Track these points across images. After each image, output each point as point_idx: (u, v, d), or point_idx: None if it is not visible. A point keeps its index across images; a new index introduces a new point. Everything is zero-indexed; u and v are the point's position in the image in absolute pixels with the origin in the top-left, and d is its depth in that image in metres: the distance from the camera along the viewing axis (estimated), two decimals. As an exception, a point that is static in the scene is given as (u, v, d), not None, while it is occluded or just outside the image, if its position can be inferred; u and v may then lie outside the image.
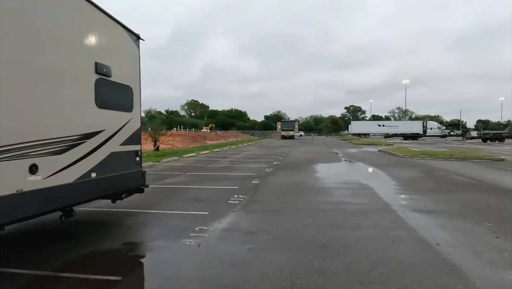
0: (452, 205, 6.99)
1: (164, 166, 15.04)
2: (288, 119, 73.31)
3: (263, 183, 10.08)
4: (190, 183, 10.19)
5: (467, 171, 12.55)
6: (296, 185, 9.65)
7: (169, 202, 7.45)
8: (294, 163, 16.38)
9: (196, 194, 8.45)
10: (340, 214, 6.32)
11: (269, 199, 7.73)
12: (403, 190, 8.98)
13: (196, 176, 11.76)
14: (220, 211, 6.58)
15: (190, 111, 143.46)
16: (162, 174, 12.04)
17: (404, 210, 6.58)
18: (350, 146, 34.76)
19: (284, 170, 13.34)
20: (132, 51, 5.59)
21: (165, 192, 8.72)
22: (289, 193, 8.46)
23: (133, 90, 5.50)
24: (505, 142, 41.67)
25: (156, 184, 9.92)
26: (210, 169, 13.71)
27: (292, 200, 7.56)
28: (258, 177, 11.27)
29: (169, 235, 5.10)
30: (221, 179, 10.90)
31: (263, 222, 5.83)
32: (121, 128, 5.16)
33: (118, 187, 5.30)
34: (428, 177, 11.43)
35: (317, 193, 8.51)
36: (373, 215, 6.19)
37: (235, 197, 7.95)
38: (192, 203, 7.41)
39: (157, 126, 29.28)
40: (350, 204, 7.16)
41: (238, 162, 16.93)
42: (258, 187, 9.30)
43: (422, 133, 64.33)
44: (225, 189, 9.09)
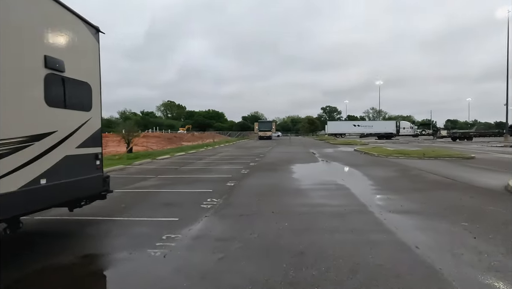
0: (428, 205, 6.93)
1: (136, 168, 14.40)
2: (266, 120, 73.36)
3: (239, 185, 9.74)
4: (161, 186, 9.69)
5: (440, 170, 12.74)
6: (272, 187, 9.38)
7: (137, 208, 6.96)
8: (270, 163, 16.15)
9: (167, 198, 7.99)
10: (317, 217, 6.08)
11: (244, 202, 7.40)
12: (379, 189, 8.90)
13: (168, 178, 11.26)
14: (191, 216, 6.19)
15: (167, 112, 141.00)
16: (133, 178, 11.45)
17: (381, 211, 6.43)
18: (327, 145, 35.04)
19: (260, 171, 13.05)
20: (90, 45, 5.11)
21: (133, 196, 8.20)
22: (264, 195, 8.17)
23: (91, 88, 5.02)
24: (473, 141, 43.44)
25: (125, 188, 9.37)
26: (184, 171, 13.22)
27: (267, 203, 7.26)
28: (234, 179, 10.92)
29: (133, 245, 4.67)
30: (194, 182, 10.47)
31: (236, 227, 5.50)
32: (78, 129, 4.68)
33: (74, 194, 4.80)
34: (403, 176, 11.48)
35: (293, 194, 8.27)
36: (351, 217, 6.00)
37: (208, 200, 7.57)
38: (162, 208, 6.96)
39: (131, 127, 28.31)
40: (327, 206, 6.95)
41: (213, 163, 16.50)
42: (233, 190, 8.96)
43: (395, 133, 66.14)
44: (198, 192, 8.68)
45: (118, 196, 8.18)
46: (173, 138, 48.77)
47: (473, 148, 28.10)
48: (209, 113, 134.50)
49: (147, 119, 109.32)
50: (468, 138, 44.45)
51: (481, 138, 47.32)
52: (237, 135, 74.68)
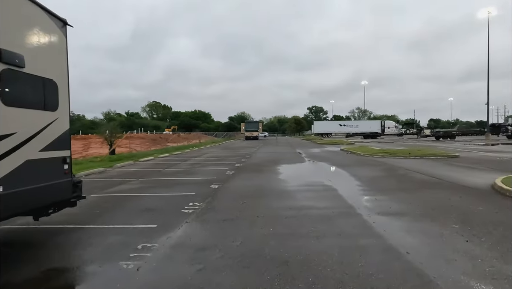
0: (417, 206, 6.75)
1: (117, 171, 13.86)
2: (252, 120, 73.04)
3: (223, 187, 9.40)
4: (142, 190, 9.26)
5: (426, 169, 12.70)
6: (258, 189, 9.07)
7: (113, 214, 6.54)
8: (256, 164, 15.85)
9: (147, 203, 7.59)
10: (303, 220, 5.81)
11: (227, 206, 7.07)
12: (367, 190, 8.71)
13: (150, 181, 10.82)
14: (170, 222, 5.82)
15: (152, 113, 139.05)
16: (112, 181, 10.96)
17: (369, 213, 6.21)
18: (313, 145, 35.00)
19: (246, 173, 12.74)
20: (56, 39, 4.69)
21: (111, 201, 7.75)
22: (249, 198, 7.86)
23: (58, 85, 4.60)
24: (456, 139, 44.25)
25: (102, 192, 8.90)
26: (166, 174, 12.78)
27: (252, 206, 6.95)
28: (218, 181, 10.57)
29: (105, 257, 4.28)
30: (177, 185, 10.06)
31: (218, 234, 5.17)
32: (41, 130, 4.26)
33: (38, 202, 4.38)
34: (390, 175, 11.37)
35: (279, 197, 7.99)
36: (338, 221, 5.75)
37: (190, 205, 7.21)
38: (140, 214, 6.56)
39: (113, 128, 27.55)
40: (313, 209, 6.68)
41: (198, 165, 16.09)
42: (216, 192, 8.61)
43: (380, 132, 66.85)
44: (180, 196, 8.30)
45: (94, 201, 7.74)
46: (158, 139, 47.95)
47: (456, 146, 28.50)
48: (195, 113, 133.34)
49: (132, 120, 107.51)
50: (451, 137, 45.25)
51: (464, 137, 48.29)
52: (224, 136, 74.12)
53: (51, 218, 5.58)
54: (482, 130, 48.78)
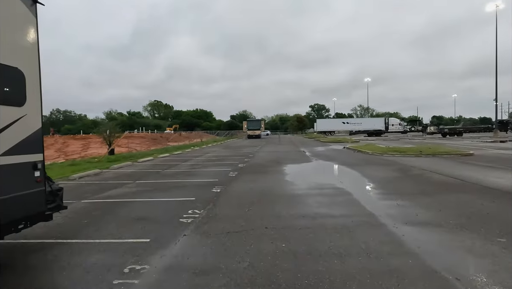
0: (447, 213, 5.93)
1: (113, 173, 13.09)
2: (254, 118, 72.11)
3: (226, 191, 8.60)
4: (137, 194, 8.47)
5: (442, 168, 11.86)
6: (264, 193, 8.27)
7: (101, 224, 5.76)
8: (260, 164, 15.04)
9: (141, 210, 6.80)
10: (320, 233, 5.00)
11: (231, 214, 6.27)
12: (384, 194, 7.89)
13: (147, 184, 10.03)
14: (166, 236, 5.04)
15: (154, 112, 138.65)
16: (107, 184, 10.18)
17: (395, 223, 5.40)
18: (317, 144, 34.15)
19: (250, 174, 11.93)
20: (22, 20, 3.88)
21: (101, 208, 6.97)
22: (255, 203, 7.06)
23: (25, 75, 3.80)
24: (463, 136, 43.27)
25: (94, 197, 8.13)
26: (165, 175, 11.99)
27: (259, 214, 6.15)
28: (220, 183, 9.77)
29: (83, 285, 3.50)
30: (176, 188, 9.27)
31: (221, 251, 4.37)
32: (3, 130, 3.47)
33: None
34: (405, 176, 10.53)
35: (288, 202, 7.18)
36: (361, 233, 4.94)
37: (190, 212, 6.42)
38: (132, 224, 5.77)
39: (112, 127, 26.79)
40: (329, 217, 5.87)
41: (199, 165, 15.29)
42: (219, 197, 7.82)
43: (384, 130, 65.85)
44: (178, 201, 7.51)
45: (83, 208, 6.97)
46: (159, 138, 47.19)
47: (465, 143, 27.61)
48: (197, 112, 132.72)
49: (134, 119, 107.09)
50: (458, 134, 44.29)
51: (471, 134, 47.29)
52: (226, 134, 73.33)
53: (31, 229, 4.83)
54: (489, 127, 47.74)
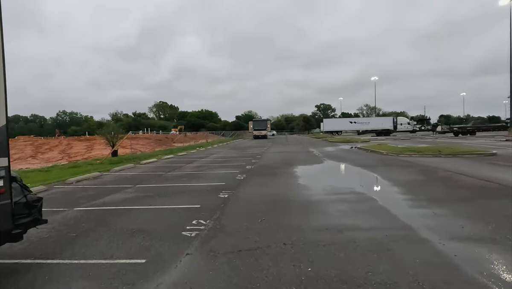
0: (498, 225, 5.00)
1: (114, 176, 12.32)
2: (260, 118, 71.07)
3: (234, 197, 7.75)
4: (136, 201, 7.66)
5: (469, 170, 10.88)
6: (277, 199, 7.40)
7: (91, 239, 4.94)
8: (270, 166, 14.17)
9: (139, 220, 5.98)
10: (350, 252, 4.12)
11: (242, 225, 5.41)
12: (414, 200, 6.97)
13: (148, 189, 9.22)
14: (165, 255, 4.20)
15: (159, 113, 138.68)
16: (105, 188, 9.39)
17: (439, 238, 4.49)
18: (326, 144, 33.16)
19: (259, 177, 11.07)
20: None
21: (94, 218, 6.16)
22: (268, 212, 6.20)
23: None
24: (476, 135, 41.96)
25: (88, 204, 7.34)
26: (168, 179, 11.18)
27: (274, 226, 5.29)
28: (228, 187, 8.93)
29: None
30: (179, 193, 8.44)
31: (231, 278, 3.50)
32: None
33: None
34: (431, 179, 9.58)
35: (306, 210, 6.31)
36: (402, 252, 4.05)
37: (194, 223, 5.59)
38: (127, 239, 4.94)
39: (115, 128, 26.17)
40: (357, 230, 4.98)
41: (205, 167, 14.47)
42: (227, 204, 6.97)
43: (392, 129, 64.56)
44: (182, 209, 6.67)
45: (74, 218, 6.17)
46: (164, 139, 46.57)
47: (481, 142, 26.46)
48: (202, 113, 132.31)
49: (139, 120, 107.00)
50: (470, 133, 42.95)
51: (484, 133, 45.92)
52: (231, 135, 72.55)
53: (8, 246, 4.07)
54: (503, 126, 46.31)
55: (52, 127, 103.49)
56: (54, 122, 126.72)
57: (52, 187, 9.92)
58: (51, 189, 9.59)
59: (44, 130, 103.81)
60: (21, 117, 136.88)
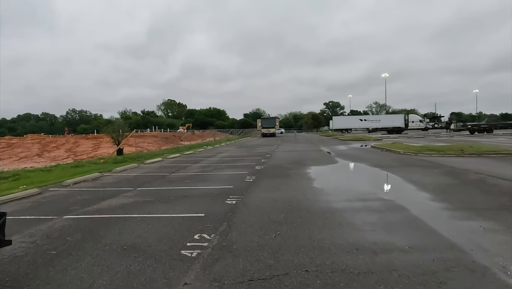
0: None
1: (114, 177, 11.57)
2: (269, 116, 69.97)
3: (243, 203, 6.88)
4: (134, 208, 6.85)
5: (503, 172, 9.82)
6: (292, 206, 6.51)
7: (72, 260, 4.12)
8: (281, 167, 13.26)
9: (134, 233, 5.15)
10: (392, 285, 3.22)
11: (253, 242, 4.53)
12: (453, 209, 6.00)
13: (149, 193, 8.41)
14: (157, 283, 3.36)
15: (167, 111, 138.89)
16: (103, 192, 8.62)
17: (503, 265, 3.55)
18: (337, 142, 32.07)
19: (270, 179, 10.18)
20: None
21: (84, 230, 5.36)
22: (283, 224, 5.31)
23: None
24: (493, 133, 40.34)
25: (80, 211, 6.56)
26: (172, 181, 10.36)
27: (292, 243, 4.40)
28: (236, 192, 8.07)
29: None
30: (182, 198, 7.61)
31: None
32: None
33: None
34: (463, 183, 8.57)
35: (327, 222, 5.40)
36: (459, 287, 3.13)
37: (196, 238, 4.74)
38: (114, 260, 4.11)
39: (120, 126, 25.49)
40: (395, 252, 4.06)
41: (211, 167, 13.63)
42: (235, 213, 6.11)
43: (403, 127, 62.93)
44: (183, 219, 5.83)
45: (60, 229, 5.38)
46: (171, 137, 45.97)
47: (501, 141, 25.11)
48: (210, 111, 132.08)
49: (148, 118, 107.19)
50: (487, 131, 41.28)
51: (501, 131, 44.20)
52: (239, 133, 71.73)
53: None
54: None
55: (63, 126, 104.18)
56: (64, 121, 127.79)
57: (46, 190, 9.20)
58: (45, 192, 8.86)
59: (55, 129, 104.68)
60: (32, 115, 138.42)
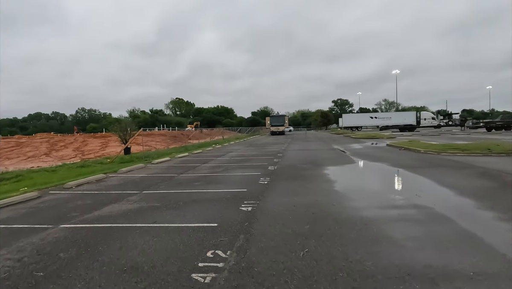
0: None
1: (120, 178, 10.91)
2: (278, 114, 68.90)
3: (260, 210, 6.11)
4: (138, 215, 6.13)
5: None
6: (316, 214, 5.71)
7: (59, 286, 3.40)
8: (295, 167, 12.46)
9: (136, 247, 4.42)
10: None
11: (278, 264, 3.75)
12: (507, 220, 5.14)
13: (155, 197, 7.70)
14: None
15: (175, 110, 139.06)
16: (105, 196, 7.94)
17: None
18: (349, 140, 31.07)
19: (286, 181, 9.39)
20: None
21: (80, 243, 4.65)
22: (310, 237, 4.53)
23: None
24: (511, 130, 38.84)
25: (79, 220, 5.87)
26: (181, 183, 9.65)
27: (325, 266, 3.61)
28: (251, 196, 7.31)
29: None
30: (192, 204, 6.87)
31: None
32: None
33: None
34: (505, 186, 7.66)
35: (362, 236, 4.59)
36: None
37: (209, 256, 3.99)
38: (112, 285, 3.38)
39: (127, 124, 24.91)
40: (459, 279, 3.22)
41: (222, 168, 12.90)
42: (252, 223, 5.35)
43: (415, 125, 61.38)
44: (194, 230, 5.09)
45: (54, 242, 4.67)
46: (179, 136, 45.47)
47: (525, 139, 23.85)
48: (218, 109, 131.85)
49: (156, 117, 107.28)
50: (506, 128, 39.80)
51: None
52: (248, 131, 71.01)
53: None
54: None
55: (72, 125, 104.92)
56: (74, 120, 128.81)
57: (47, 193, 8.57)
58: (44, 196, 8.23)
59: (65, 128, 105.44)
60: (42, 114, 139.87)
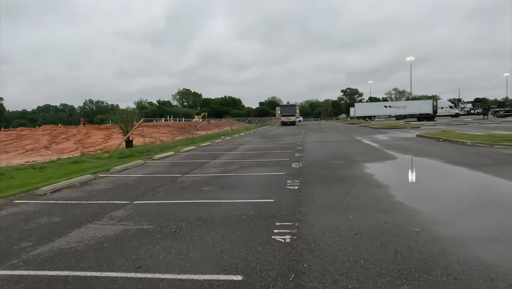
0: None
1: (110, 180, 8.83)
2: (288, 104, 66.29)
3: (305, 244, 3.94)
4: (116, 251, 4.01)
5: None
6: (402, 256, 3.54)
7: None
8: (324, 164, 10.23)
9: None
10: None
11: None
12: None
13: (148, 211, 5.58)
14: None
15: (182, 101, 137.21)
16: (84, 208, 5.84)
17: None
18: (369, 130, 28.60)
19: (321, 184, 7.20)
20: None
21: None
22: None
23: None
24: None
25: (25, 258, 3.76)
26: (184, 188, 7.52)
27: None
28: (283, 212, 5.14)
29: None
30: (198, 228, 4.72)
31: None
32: None
33: None
34: None
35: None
36: None
37: None
38: None
39: (130, 114, 22.77)
40: None
41: (235, 165, 10.74)
42: (300, 274, 3.19)
43: (432, 114, 58.33)
44: (201, 284, 2.95)
45: None
46: (186, 127, 43.38)
47: None
48: (226, 100, 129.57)
49: (163, 108, 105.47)
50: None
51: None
52: (257, 121, 68.67)
53: None
54: None
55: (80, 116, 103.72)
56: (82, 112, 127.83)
57: (10, 203, 6.54)
58: (6, 207, 6.20)
59: (73, 120, 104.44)
60: (51, 106, 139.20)
